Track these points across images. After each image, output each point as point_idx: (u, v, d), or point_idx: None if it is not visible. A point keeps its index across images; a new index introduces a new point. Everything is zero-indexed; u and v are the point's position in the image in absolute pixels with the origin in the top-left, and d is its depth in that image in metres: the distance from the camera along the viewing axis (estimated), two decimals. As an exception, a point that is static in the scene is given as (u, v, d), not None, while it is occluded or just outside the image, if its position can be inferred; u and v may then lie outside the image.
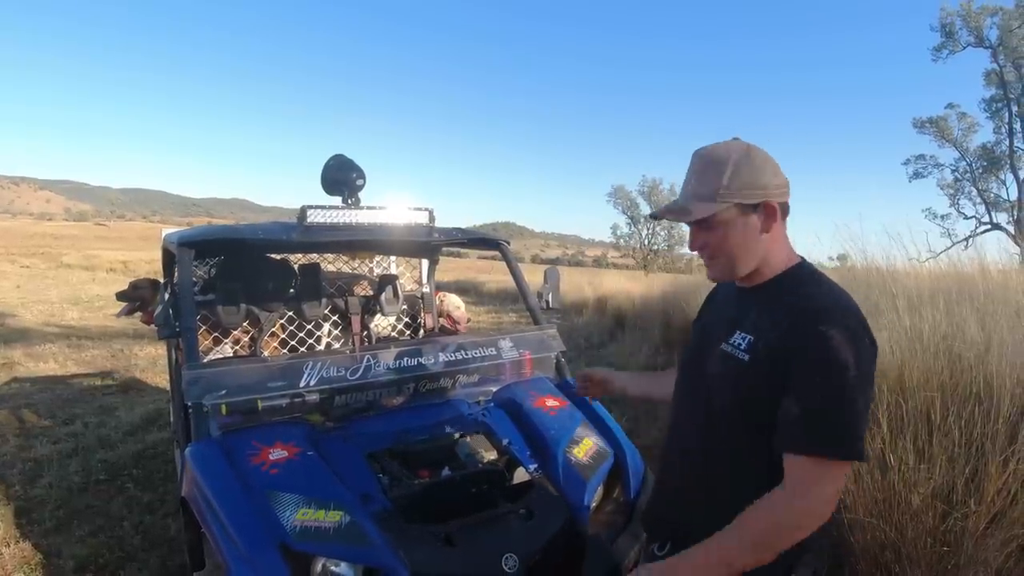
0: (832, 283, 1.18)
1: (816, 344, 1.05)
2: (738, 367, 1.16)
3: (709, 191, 1.14)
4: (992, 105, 22.42)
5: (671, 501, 1.34)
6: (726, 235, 1.17)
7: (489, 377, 2.68)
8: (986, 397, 2.43)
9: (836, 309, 1.09)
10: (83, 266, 25.95)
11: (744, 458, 1.19)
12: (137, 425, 4.85)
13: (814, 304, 1.10)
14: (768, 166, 1.15)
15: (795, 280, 1.19)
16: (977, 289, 3.29)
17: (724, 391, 1.19)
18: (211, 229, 2.92)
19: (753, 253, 1.18)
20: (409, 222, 2.62)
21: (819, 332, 1.05)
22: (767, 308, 1.17)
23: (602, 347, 8.75)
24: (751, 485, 1.16)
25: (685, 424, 1.33)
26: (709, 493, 1.24)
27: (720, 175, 1.13)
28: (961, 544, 2.20)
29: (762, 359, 1.12)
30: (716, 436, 1.22)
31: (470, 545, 1.79)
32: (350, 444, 2.15)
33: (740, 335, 1.18)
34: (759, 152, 1.16)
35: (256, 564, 1.59)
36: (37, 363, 7.18)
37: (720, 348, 1.21)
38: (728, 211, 1.14)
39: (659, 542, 1.33)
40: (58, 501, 3.49)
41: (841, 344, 1.04)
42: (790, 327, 1.09)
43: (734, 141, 1.18)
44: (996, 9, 20.91)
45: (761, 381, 1.12)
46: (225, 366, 2.25)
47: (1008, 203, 22.44)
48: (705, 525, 1.16)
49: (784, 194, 1.17)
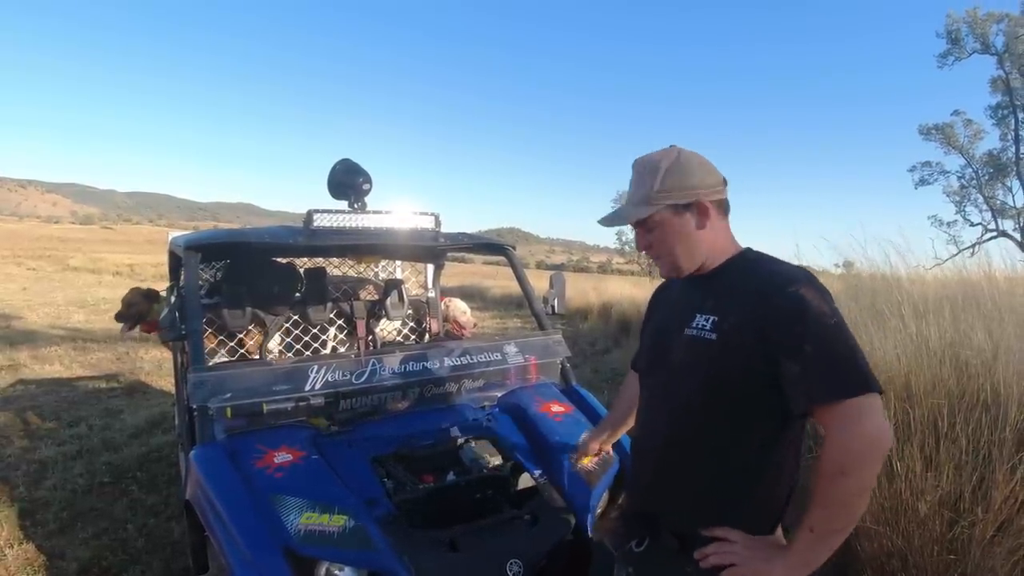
0: (784, 261, 1.24)
1: (793, 303, 1.10)
2: (707, 347, 1.19)
3: (643, 195, 1.23)
4: (998, 112, 22.31)
5: (646, 497, 1.35)
6: (665, 235, 1.25)
7: (494, 382, 2.68)
8: (993, 404, 2.42)
9: (799, 273, 1.17)
10: (89, 269, 26.04)
11: (720, 443, 1.20)
12: (142, 428, 4.86)
13: (779, 274, 1.17)
14: (699, 168, 1.23)
15: (746, 262, 1.26)
16: (984, 296, 3.28)
17: (693, 375, 1.22)
18: (217, 233, 2.93)
19: (694, 249, 1.25)
20: (415, 227, 2.63)
21: (791, 292, 1.11)
22: (727, 289, 1.22)
23: (607, 353, 8.74)
24: (730, 470, 1.20)
25: (655, 419, 1.35)
26: (686, 484, 1.25)
27: (653, 179, 1.22)
28: (968, 552, 2.19)
29: (731, 334, 1.16)
30: (689, 425, 1.24)
31: (475, 550, 1.79)
32: (355, 448, 2.14)
33: (703, 317, 1.22)
34: (690, 156, 1.24)
35: (260, 568, 1.58)
36: (43, 365, 7.21)
37: (684, 335, 1.25)
38: (662, 212, 1.23)
39: (636, 539, 1.34)
40: (62, 503, 3.50)
41: (815, 297, 1.10)
42: (760, 298, 1.14)
43: (669, 148, 1.27)
44: (1002, 16, 20.86)
45: (733, 357, 1.15)
46: (230, 369, 2.26)
47: (1014, 210, 22.31)
48: (684, 516, 1.22)
49: (718, 192, 1.25)
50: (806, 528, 1.09)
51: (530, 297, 2.97)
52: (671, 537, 1.25)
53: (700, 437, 1.23)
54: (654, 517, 1.31)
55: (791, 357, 1.08)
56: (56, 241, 45.66)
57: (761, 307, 1.13)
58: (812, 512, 1.08)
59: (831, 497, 1.06)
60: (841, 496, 1.06)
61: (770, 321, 1.11)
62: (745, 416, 1.18)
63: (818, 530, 1.08)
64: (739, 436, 1.19)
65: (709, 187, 1.23)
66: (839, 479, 1.05)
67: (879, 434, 1.05)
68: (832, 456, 1.06)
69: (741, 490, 1.20)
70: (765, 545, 1.17)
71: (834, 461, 1.05)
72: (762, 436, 1.19)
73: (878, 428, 1.05)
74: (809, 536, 1.08)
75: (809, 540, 1.08)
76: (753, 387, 1.15)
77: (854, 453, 1.04)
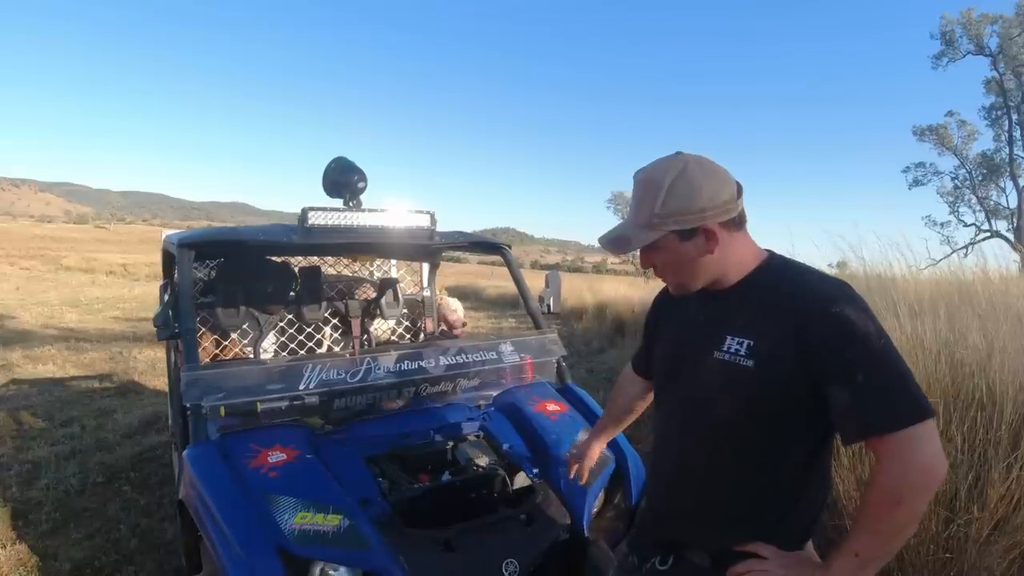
0: (812, 268, 1.17)
1: (837, 328, 1.03)
2: (743, 374, 1.10)
3: (645, 219, 1.11)
4: (992, 113, 22.44)
5: (677, 520, 1.28)
6: (669, 260, 1.15)
7: (490, 381, 2.67)
8: (988, 403, 2.42)
9: (836, 289, 1.08)
10: (83, 268, 25.93)
11: (757, 467, 1.15)
12: (135, 428, 4.83)
13: (814, 290, 1.08)
14: (706, 185, 1.09)
15: (773, 273, 1.16)
16: (978, 296, 3.28)
17: (729, 402, 1.14)
18: (211, 231, 2.91)
19: (704, 271, 1.15)
20: (410, 225, 2.61)
21: (835, 314, 1.03)
22: (757, 307, 1.12)
23: (601, 352, 8.74)
24: (768, 492, 1.15)
25: (681, 439, 1.26)
26: (720, 510, 1.20)
27: (654, 201, 1.09)
28: (964, 551, 2.19)
29: (770, 361, 1.08)
30: (723, 450, 1.17)
31: (470, 550, 1.78)
32: (349, 447, 2.13)
33: (735, 340, 1.12)
34: (696, 169, 1.10)
35: (253, 568, 1.57)
36: (36, 365, 7.16)
37: (714, 357, 1.15)
38: (665, 238, 1.11)
39: (660, 556, 1.28)
40: (55, 503, 3.47)
41: (859, 317, 1.03)
42: (798, 321, 1.06)
43: (674, 158, 1.13)
44: (996, 17, 20.97)
45: (772, 385, 1.08)
46: (224, 368, 2.24)
47: (1008, 211, 22.44)
48: (718, 539, 1.17)
49: (728, 211, 1.11)
50: (850, 552, 1.04)
51: (525, 296, 2.96)
52: (702, 555, 1.21)
53: (737, 461, 1.17)
54: (679, 541, 1.26)
55: (839, 386, 1.02)
56: (49, 241, 45.46)
57: (800, 329, 1.05)
58: (859, 538, 1.04)
59: (882, 525, 1.02)
60: (893, 526, 1.02)
61: (813, 347, 1.04)
62: (784, 439, 1.12)
63: (863, 556, 1.03)
64: (777, 459, 1.14)
65: (717, 207, 1.09)
66: (894, 509, 1.00)
67: (936, 463, 1.00)
68: (887, 486, 1.01)
69: (778, 511, 1.16)
70: (799, 563, 1.12)
71: (889, 491, 1.00)
72: (800, 456, 1.14)
73: (935, 456, 0.99)
74: (853, 560, 1.04)
75: (852, 564, 1.04)
76: (794, 412, 1.09)
77: (910, 484, 0.99)
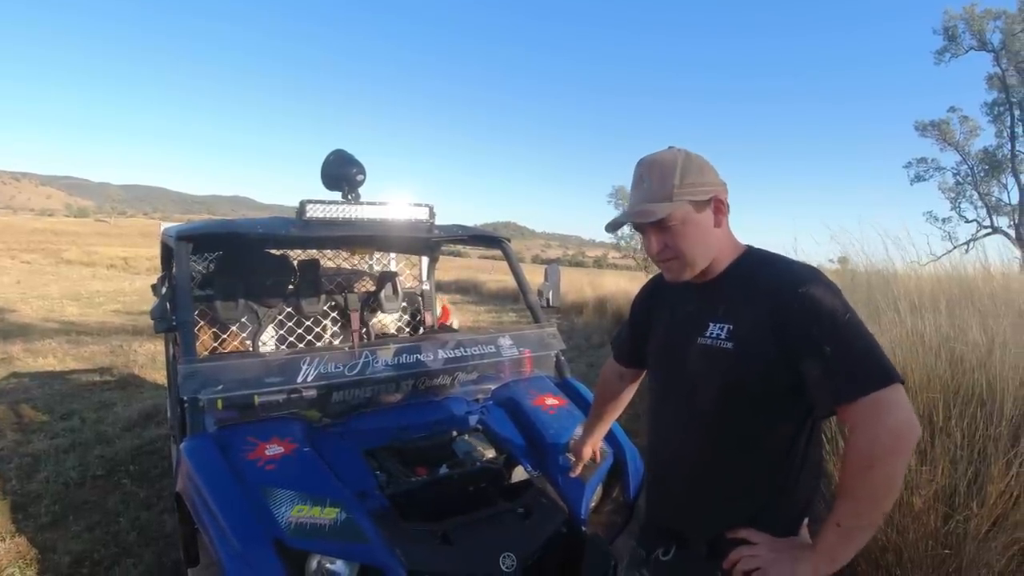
0: (785, 257, 1.24)
1: (805, 304, 1.10)
2: (724, 356, 1.17)
3: (665, 192, 1.19)
4: (994, 109, 22.36)
5: (673, 510, 1.33)
6: (683, 233, 1.21)
7: (488, 375, 2.66)
8: (989, 399, 2.41)
9: (805, 272, 1.16)
10: (83, 262, 25.96)
11: (744, 450, 1.20)
12: (135, 421, 4.84)
13: (786, 274, 1.17)
14: (707, 166, 1.23)
15: (752, 263, 1.24)
16: (979, 291, 3.28)
17: (711, 386, 1.20)
18: (209, 223, 2.90)
19: (708, 248, 1.23)
20: (409, 218, 2.60)
21: (801, 293, 1.10)
22: (738, 294, 1.20)
23: (602, 347, 8.73)
24: (757, 475, 1.19)
25: (673, 429, 1.33)
26: (715, 495, 1.24)
27: (672, 176, 1.19)
28: (963, 547, 2.18)
29: (747, 342, 1.15)
30: (712, 435, 1.23)
31: (468, 544, 1.77)
32: (347, 441, 2.13)
33: (716, 326, 1.20)
34: (696, 156, 1.23)
35: (250, 560, 1.56)
36: (36, 358, 7.17)
37: (697, 343, 1.23)
38: (683, 208, 1.19)
39: (663, 547, 1.33)
40: (54, 496, 3.47)
41: (825, 295, 1.10)
42: (772, 302, 1.13)
43: (672, 149, 1.24)
44: (999, 13, 20.88)
45: (751, 363, 1.14)
46: (221, 361, 2.23)
47: (1009, 207, 22.39)
48: (715, 525, 1.21)
49: (726, 192, 1.24)
50: (833, 523, 1.07)
51: (524, 289, 2.95)
52: (701, 544, 1.25)
53: (724, 446, 1.22)
54: (681, 530, 1.30)
55: (811, 360, 1.08)
56: (50, 234, 45.49)
57: (774, 311, 1.12)
58: (839, 506, 1.08)
59: (858, 491, 1.06)
60: (868, 489, 1.05)
61: (784, 325, 1.10)
62: (767, 421, 1.17)
63: (845, 524, 1.07)
64: (763, 441, 1.18)
65: (721, 184, 1.23)
66: (867, 472, 1.04)
67: (906, 425, 1.04)
68: (860, 449, 1.05)
69: (771, 492, 1.20)
70: (790, 546, 1.15)
71: (862, 455, 1.04)
72: (785, 437, 1.18)
73: (905, 420, 1.04)
74: (836, 531, 1.07)
75: (836, 535, 1.07)
76: (774, 392, 1.14)
77: (882, 445, 1.03)
